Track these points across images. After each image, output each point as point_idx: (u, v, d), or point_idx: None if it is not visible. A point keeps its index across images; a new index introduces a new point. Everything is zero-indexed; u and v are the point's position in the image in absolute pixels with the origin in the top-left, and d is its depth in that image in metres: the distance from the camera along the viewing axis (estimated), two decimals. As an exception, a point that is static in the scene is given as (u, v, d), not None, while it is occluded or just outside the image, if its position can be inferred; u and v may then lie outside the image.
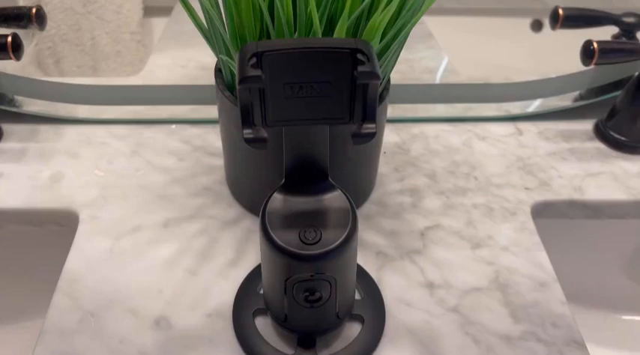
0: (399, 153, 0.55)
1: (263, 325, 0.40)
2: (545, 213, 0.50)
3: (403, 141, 0.56)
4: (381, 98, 0.42)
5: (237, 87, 0.25)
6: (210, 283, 0.43)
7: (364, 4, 0.33)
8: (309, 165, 0.34)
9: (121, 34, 0.80)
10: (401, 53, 0.43)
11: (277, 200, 0.34)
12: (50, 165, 0.52)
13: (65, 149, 0.53)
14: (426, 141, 0.56)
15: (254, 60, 0.26)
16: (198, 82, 0.61)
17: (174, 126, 0.56)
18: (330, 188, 0.34)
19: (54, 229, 0.49)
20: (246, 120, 0.27)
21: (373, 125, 0.27)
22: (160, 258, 0.44)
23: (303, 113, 0.28)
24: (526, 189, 0.51)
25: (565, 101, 0.59)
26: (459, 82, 0.60)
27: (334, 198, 0.34)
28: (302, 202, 0.34)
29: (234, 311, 0.41)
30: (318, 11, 0.35)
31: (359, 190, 0.48)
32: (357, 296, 0.42)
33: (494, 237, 0.47)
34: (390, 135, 0.56)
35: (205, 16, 0.40)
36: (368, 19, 0.35)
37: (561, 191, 0.51)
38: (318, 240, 0.32)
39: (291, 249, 0.32)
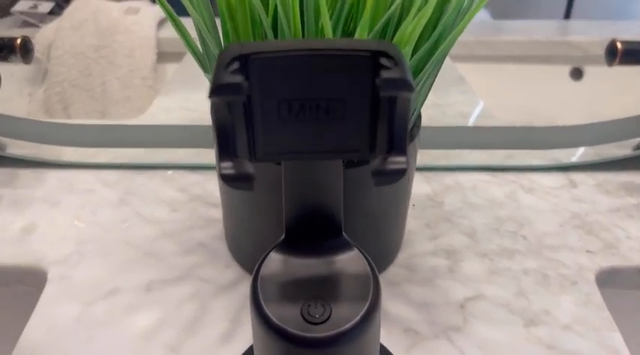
0: (430, 206, 0.46)
1: None
2: (612, 282, 0.41)
3: (435, 192, 0.48)
4: (411, 136, 0.34)
5: (210, 100, 0.18)
6: (195, 364, 0.34)
7: (391, 10, 0.25)
8: (317, 216, 0.26)
9: (132, 79, 0.76)
10: (430, 97, 0.35)
11: (274, 262, 0.26)
12: (25, 215, 0.45)
13: (44, 197, 0.47)
14: (463, 193, 0.47)
15: (236, 65, 0.18)
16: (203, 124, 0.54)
17: (170, 172, 0.49)
18: (345, 246, 0.26)
19: (20, 290, 0.42)
20: (224, 149, 0.19)
21: (403, 158, 0.19)
22: (136, 329, 0.36)
23: (306, 143, 0.21)
24: (587, 252, 0.42)
25: (624, 149, 0.51)
26: (498, 125, 0.52)
27: (350, 260, 0.26)
28: (307, 265, 0.26)
29: (222, 403, 0.32)
30: (331, 25, 0.28)
31: (382, 250, 0.40)
32: (380, 388, 0.33)
33: (552, 311, 0.38)
34: (420, 186, 0.48)
35: (199, 36, 0.33)
36: (396, 31, 0.28)
37: (631, 255, 0.42)
38: (327, 318, 0.24)
39: (291, 330, 0.24)
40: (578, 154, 0.51)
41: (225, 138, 0.19)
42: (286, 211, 0.26)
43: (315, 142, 0.21)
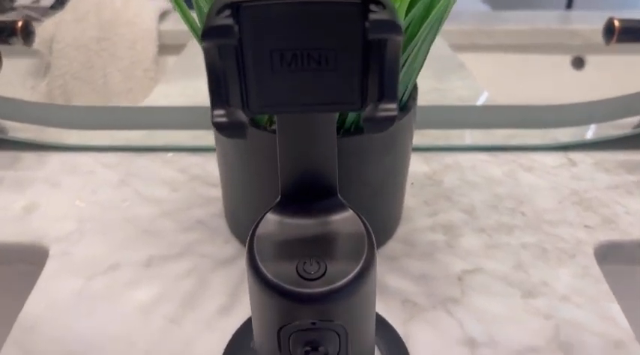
0: (429, 184, 0.46)
1: (256, 390, 0.31)
2: (611, 256, 0.41)
3: (434, 171, 0.48)
4: (406, 108, 0.34)
5: (202, 45, 0.18)
6: (194, 335, 0.34)
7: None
8: (311, 177, 0.26)
9: (133, 71, 0.76)
10: (429, 83, 0.35)
11: (270, 222, 0.26)
12: (26, 195, 0.45)
13: (46, 178, 0.47)
14: (462, 172, 0.48)
15: (227, 13, 0.19)
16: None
17: (170, 154, 0.50)
18: (339, 207, 0.26)
19: (21, 269, 0.42)
20: (217, 97, 0.19)
21: (394, 105, 0.19)
22: (136, 302, 0.36)
23: (298, 95, 0.21)
24: (586, 227, 0.42)
25: (623, 128, 0.51)
26: (497, 104, 0.52)
27: (344, 220, 0.26)
28: (302, 225, 0.26)
29: (221, 371, 0.32)
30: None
31: (381, 225, 0.40)
32: (377, 354, 0.33)
33: (550, 283, 0.38)
34: (419, 165, 0.48)
35: (198, 15, 0.33)
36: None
37: (630, 230, 0.42)
38: (322, 275, 0.24)
39: (286, 285, 0.24)
40: (577, 134, 0.51)
41: (218, 86, 0.19)
42: (281, 172, 0.26)
43: (307, 94, 0.21)
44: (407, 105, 0.35)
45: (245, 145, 0.34)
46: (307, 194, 0.26)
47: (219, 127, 0.20)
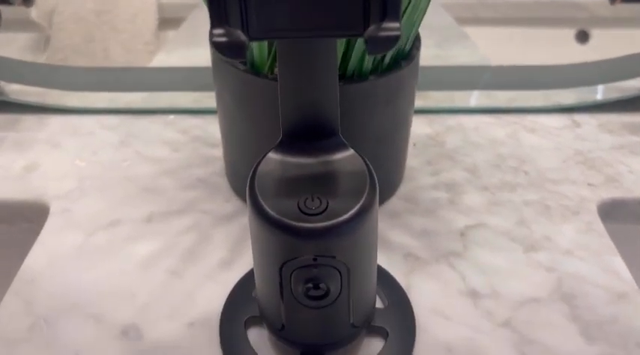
0: (431, 145, 0.46)
1: (257, 337, 0.31)
2: (615, 214, 0.41)
3: (437, 132, 0.47)
4: (410, 57, 0.34)
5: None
6: (195, 287, 0.34)
7: None
8: (312, 115, 0.26)
9: (134, 45, 0.76)
10: (432, 50, 0.35)
11: (271, 162, 0.26)
12: (26, 155, 0.45)
13: (46, 139, 0.47)
14: (464, 133, 0.47)
15: None
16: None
17: (172, 116, 0.49)
18: (341, 146, 0.26)
19: (22, 227, 0.42)
20: (216, 16, 0.19)
21: (396, 24, 0.19)
22: (137, 256, 0.36)
23: (299, 19, 0.21)
24: (589, 185, 0.42)
25: (627, 91, 0.50)
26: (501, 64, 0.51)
27: (346, 159, 0.26)
28: (303, 164, 0.26)
29: (222, 319, 0.32)
30: None
31: (383, 180, 0.39)
32: (379, 305, 0.33)
33: (552, 238, 0.37)
34: (421, 127, 0.48)
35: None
36: None
37: (634, 188, 0.41)
38: (323, 211, 0.24)
39: (287, 220, 0.24)
40: (581, 96, 0.50)
41: (218, 5, 0.19)
42: (282, 110, 0.26)
43: (309, 18, 0.21)
44: (410, 54, 0.34)
45: (245, 94, 0.34)
46: (308, 133, 0.26)
47: (218, 47, 0.19)
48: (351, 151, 0.26)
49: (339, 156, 0.26)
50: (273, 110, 0.27)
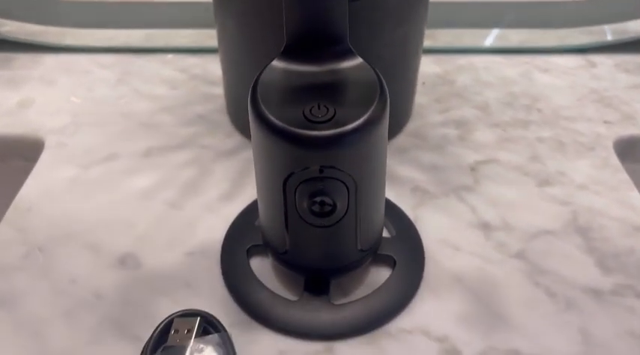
0: (441, 84, 0.44)
1: (260, 266, 0.30)
2: (633, 152, 0.39)
3: (447, 72, 0.45)
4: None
5: None
6: (195, 218, 0.33)
7: None
8: (319, 19, 0.24)
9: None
10: None
11: (275, 70, 0.24)
12: (20, 92, 0.43)
13: (41, 76, 0.45)
14: (475, 73, 0.45)
15: None
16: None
17: (170, 55, 0.47)
18: (349, 54, 0.24)
19: (16, 165, 0.40)
20: None
21: None
22: (135, 189, 0.35)
23: None
24: (605, 122, 0.40)
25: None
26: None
27: (354, 67, 0.24)
28: (309, 71, 0.24)
29: (224, 248, 0.31)
30: None
31: (391, 115, 0.38)
32: (386, 234, 0.31)
33: (567, 173, 0.36)
34: (431, 66, 0.46)
35: None
36: None
37: (652, 125, 0.40)
38: (330, 118, 0.22)
39: (291, 128, 0.22)
40: (596, 37, 0.48)
41: None
42: (286, 14, 0.24)
43: None
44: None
45: (250, 12, 0.32)
46: (314, 39, 0.24)
47: None
48: (359, 60, 0.24)
49: (348, 64, 0.24)
50: (278, 31, 0.25)
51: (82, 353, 0.26)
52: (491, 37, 0.49)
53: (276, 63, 0.24)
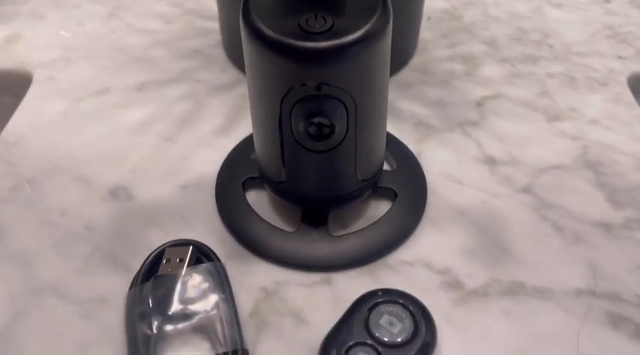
0: (447, 19, 0.42)
1: (256, 199, 0.29)
2: (646, 86, 0.37)
3: (454, 7, 0.43)
4: None
5: None
6: (190, 151, 0.32)
7: None
8: None
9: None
10: None
11: (269, -19, 0.22)
12: (8, 27, 0.41)
13: (29, 11, 0.43)
14: (484, 8, 0.43)
15: None
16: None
17: (164, -9, 0.45)
18: (350, -38, 0.23)
19: (4, 101, 0.39)
20: None
21: None
22: (128, 122, 0.34)
23: None
24: (619, 58, 0.38)
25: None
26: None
27: (355, -23, 0.22)
28: (306, -18, 0.22)
29: (219, 180, 0.30)
30: None
31: (394, 48, 0.36)
32: (387, 167, 0.30)
33: (578, 108, 0.34)
34: (438, 2, 0.44)
35: None
36: None
37: (668, 60, 0.38)
38: (328, 29, 0.21)
39: (286, 39, 0.21)
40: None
41: None
42: None
43: None
44: None
45: None
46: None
47: None
48: (361, -31, 0.23)
49: (347, -27, 0.22)
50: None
51: (72, 284, 0.26)
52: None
53: (271, -28, 0.23)
